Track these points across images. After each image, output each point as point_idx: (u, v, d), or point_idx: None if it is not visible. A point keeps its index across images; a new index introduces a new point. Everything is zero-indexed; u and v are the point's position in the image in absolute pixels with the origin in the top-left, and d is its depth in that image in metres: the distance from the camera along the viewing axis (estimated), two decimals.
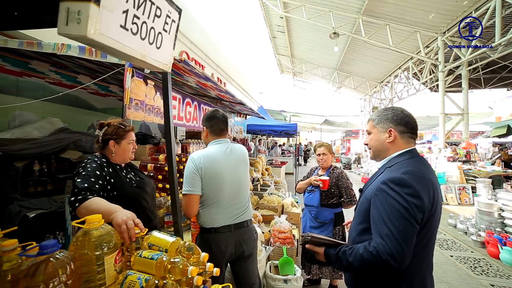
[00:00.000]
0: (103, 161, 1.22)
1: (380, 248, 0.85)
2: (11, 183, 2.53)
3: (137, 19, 0.63)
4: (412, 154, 1.01)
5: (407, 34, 7.53)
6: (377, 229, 0.89)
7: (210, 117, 1.51)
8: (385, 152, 1.06)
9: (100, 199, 0.99)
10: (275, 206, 3.29)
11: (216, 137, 1.50)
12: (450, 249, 3.49)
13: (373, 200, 0.94)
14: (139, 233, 0.84)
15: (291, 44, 11.66)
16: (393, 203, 0.88)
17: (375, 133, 1.09)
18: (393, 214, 0.87)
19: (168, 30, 0.76)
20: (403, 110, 1.07)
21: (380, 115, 1.09)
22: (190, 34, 6.27)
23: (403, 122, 1.03)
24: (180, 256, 0.77)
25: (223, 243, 1.38)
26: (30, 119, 3.10)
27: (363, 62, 11.22)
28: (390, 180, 0.91)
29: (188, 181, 1.35)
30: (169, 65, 0.81)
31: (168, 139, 0.93)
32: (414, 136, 1.05)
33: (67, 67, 3.19)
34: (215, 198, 1.39)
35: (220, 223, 1.39)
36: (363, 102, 15.83)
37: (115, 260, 0.74)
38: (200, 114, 3.42)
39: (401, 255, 0.83)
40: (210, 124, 1.50)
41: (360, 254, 0.89)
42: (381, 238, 0.87)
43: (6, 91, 2.87)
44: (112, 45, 0.57)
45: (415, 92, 10.86)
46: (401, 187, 0.88)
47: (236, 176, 1.47)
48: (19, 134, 2.93)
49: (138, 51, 0.66)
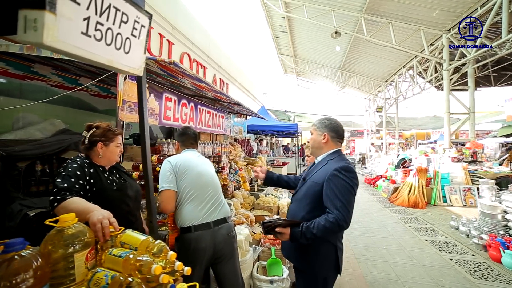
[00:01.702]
0: (85, 161, 1.25)
1: (338, 217, 1.16)
2: (14, 182, 2.60)
3: (100, 26, 0.65)
4: (340, 152, 1.39)
5: (410, 32, 7.41)
6: (333, 204, 1.19)
7: (182, 133, 1.78)
8: (320, 149, 1.41)
9: (79, 199, 1.02)
10: (271, 206, 3.30)
11: (188, 148, 1.73)
12: (450, 252, 3.42)
13: (327, 183, 1.23)
14: (113, 231, 0.87)
15: (294, 44, 11.61)
16: (343, 183, 1.21)
17: (315, 135, 1.44)
18: (344, 191, 1.20)
19: (137, 35, 0.78)
20: (336, 121, 1.43)
21: (320, 122, 1.44)
22: (191, 35, 6.31)
23: (334, 130, 1.39)
24: (148, 254, 0.79)
25: (204, 240, 1.42)
26: (33, 120, 3.20)
27: (367, 61, 11.08)
28: (341, 168, 1.24)
29: (164, 178, 1.46)
30: (140, 69, 0.83)
31: (143, 141, 0.95)
32: (341, 141, 1.42)
33: (69, 70, 3.27)
34: (192, 195, 1.48)
35: (199, 220, 1.45)
36: (367, 101, 15.64)
37: (87, 258, 0.76)
38: (197, 114, 3.46)
39: (349, 219, 1.19)
40: (182, 139, 1.76)
41: (323, 225, 1.16)
42: (337, 209, 1.17)
43: (10, 94, 2.96)
44: (73, 51, 0.59)
45: (420, 91, 10.66)
46: (348, 172, 1.23)
47: (208, 174, 1.63)
48: (22, 135, 3.03)
49: (104, 56, 0.68)
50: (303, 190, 1.38)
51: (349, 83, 13.91)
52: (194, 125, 3.41)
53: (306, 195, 1.34)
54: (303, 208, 1.32)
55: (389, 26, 7.27)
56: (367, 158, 14.50)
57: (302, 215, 1.31)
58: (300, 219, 1.29)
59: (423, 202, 5.96)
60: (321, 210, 1.24)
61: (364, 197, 7.27)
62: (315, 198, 1.28)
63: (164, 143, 2.86)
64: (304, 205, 1.33)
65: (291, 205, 1.49)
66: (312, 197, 1.30)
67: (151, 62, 2.01)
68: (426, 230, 4.33)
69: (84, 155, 1.31)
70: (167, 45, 5.27)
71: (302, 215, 1.31)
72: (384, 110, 13.35)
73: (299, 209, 1.36)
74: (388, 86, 12.99)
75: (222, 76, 8.52)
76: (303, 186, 1.40)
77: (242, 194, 3.56)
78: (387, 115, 13.49)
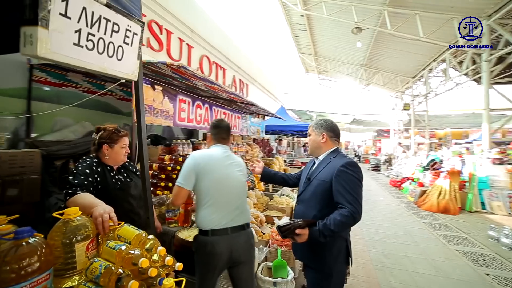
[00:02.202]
0: (95, 161, 1.37)
1: (352, 210, 1.20)
2: (52, 178, 2.91)
3: (92, 36, 0.71)
4: (339, 150, 1.47)
5: (441, 22, 6.80)
6: (345, 198, 1.24)
7: (215, 125, 1.66)
8: (319, 149, 1.48)
9: (87, 194, 1.13)
10: (284, 207, 3.27)
11: (218, 143, 1.61)
12: (487, 266, 3.04)
13: (336, 179, 1.29)
14: (112, 225, 0.94)
15: (314, 42, 11.35)
16: (352, 178, 1.28)
17: (313, 136, 1.50)
18: (353, 185, 1.26)
19: (129, 42, 0.84)
20: (332, 121, 1.51)
21: (317, 123, 1.50)
22: (210, 38, 6.50)
23: (331, 129, 1.47)
24: (140, 248, 0.84)
25: (219, 245, 1.38)
26: (67, 123, 3.57)
27: (392, 56, 10.42)
28: (347, 163, 1.31)
29: (183, 174, 1.43)
30: (134, 74, 0.89)
31: (140, 142, 1.02)
32: (338, 139, 1.50)
33: (96, 76, 3.57)
34: (212, 198, 1.42)
35: (217, 224, 1.40)
36: (394, 99, 14.71)
37: (87, 248, 0.84)
38: (211, 115, 3.55)
39: (361, 211, 1.24)
40: (214, 132, 1.63)
41: (339, 220, 1.20)
42: (349, 203, 1.22)
43: (50, 100, 3.32)
44: (66, 61, 0.66)
45: (453, 86, 9.75)
46: (354, 167, 1.31)
47: (233, 178, 1.53)
48: (58, 136, 3.40)
49: (97, 64, 0.75)
50: (311, 190, 1.40)
51: (373, 81, 13.21)
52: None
53: (314, 194, 1.37)
54: (314, 207, 1.36)
55: (416, 17, 6.76)
56: (393, 159, 13.66)
57: (313, 214, 1.34)
58: (312, 217, 1.33)
59: (455, 207, 5.45)
60: (332, 206, 1.28)
61: (388, 200, 6.85)
62: (325, 196, 1.32)
63: (180, 144, 3.00)
64: (314, 204, 1.37)
65: (297, 207, 1.50)
66: (321, 195, 1.34)
67: (164, 66, 2.13)
68: (457, 239, 3.93)
69: (94, 155, 1.43)
70: (187, 48, 5.50)
71: (314, 214, 1.34)
72: (412, 108, 12.44)
73: (308, 209, 1.39)
74: (416, 82, 12.09)
75: (242, 77, 8.65)
76: (309, 186, 1.42)
77: (256, 194, 3.58)
78: (416, 113, 12.56)
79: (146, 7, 4.26)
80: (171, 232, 1.82)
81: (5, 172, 2.26)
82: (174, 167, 2.19)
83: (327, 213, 1.26)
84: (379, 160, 14.41)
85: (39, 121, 3.19)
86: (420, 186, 6.79)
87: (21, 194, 2.33)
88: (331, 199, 1.30)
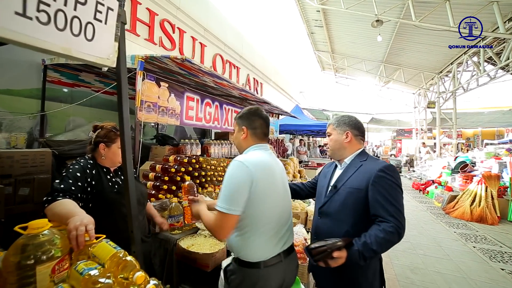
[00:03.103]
0: (90, 162, 1.25)
1: (396, 224, 1.01)
2: None
3: (45, 6, 0.55)
4: (366, 152, 1.28)
5: (476, 8, 6.15)
6: (386, 210, 1.04)
7: (252, 112, 1.20)
8: (343, 150, 1.27)
9: (68, 201, 0.99)
10: (298, 212, 3.03)
11: (259, 142, 1.19)
12: None
13: (373, 187, 1.08)
14: (89, 241, 0.79)
15: (331, 38, 10.91)
16: (392, 184, 1.08)
17: (335, 135, 1.30)
18: (394, 194, 1.07)
19: (102, 19, 0.68)
20: (356, 118, 1.30)
21: (339, 121, 1.30)
22: (223, 37, 6.41)
23: (356, 127, 1.27)
24: (113, 273, 0.68)
25: (274, 279, 1.07)
26: (80, 123, 3.61)
27: (416, 50, 9.72)
28: (385, 167, 1.11)
29: (231, 195, 1.00)
30: (112, 59, 0.73)
31: (123, 141, 0.86)
32: (363, 139, 1.31)
33: (108, 76, 3.57)
34: (267, 224, 1.07)
35: (271, 253, 1.08)
36: (417, 97, 13.80)
37: (53, 270, 0.69)
38: (222, 114, 3.40)
39: (405, 225, 1.04)
40: (253, 125, 1.18)
41: (382, 237, 0.99)
42: (392, 216, 1.02)
43: (64, 100, 3.35)
44: (7, 36, 0.51)
45: (488, 81, 8.90)
46: (394, 172, 1.12)
47: (286, 190, 1.22)
48: (71, 136, 3.43)
49: (56, 43, 0.59)
50: (339, 200, 1.17)
51: (394, 77, 12.47)
52: (220, 125, 3.37)
53: (345, 205, 1.15)
54: (344, 222, 1.14)
55: (445, 5, 6.19)
56: (415, 160, 12.81)
57: (345, 230, 1.13)
58: (344, 234, 1.11)
59: (494, 216, 4.86)
60: (367, 220, 1.09)
61: (411, 204, 6.33)
62: (358, 207, 1.12)
63: (187, 143, 2.87)
64: (344, 217, 1.15)
65: (319, 221, 1.25)
66: (354, 207, 1.13)
67: (168, 61, 2.00)
68: (501, 255, 3.39)
69: (90, 155, 1.31)
70: (200, 47, 5.44)
71: (346, 230, 1.13)
72: (438, 106, 11.56)
73: (337, 223, 1.16)
74: (443, 78, 11.21)
75: (256, 76, 8.50)
76: (337, 196, 1.18)
77: None
78: (442, 111, 11.65)
79: (159, 6, 4.22)
80: (173, 240, 1.68)
81: (16, 171, 2.27)
82: (179, 169, 2.05)
83: (362, 228, 1.06)
84: (400, 162, 13.61)
85: (53, 121, 3.23)
86: (448, 191, 6.21)
87: (32, 194, 2.33)
88: (366, 211, 1.09)
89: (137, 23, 3.75)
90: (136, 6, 3.73)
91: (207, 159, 2.55)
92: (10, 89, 2.73)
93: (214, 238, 1.72)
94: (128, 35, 3.67)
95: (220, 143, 3.57)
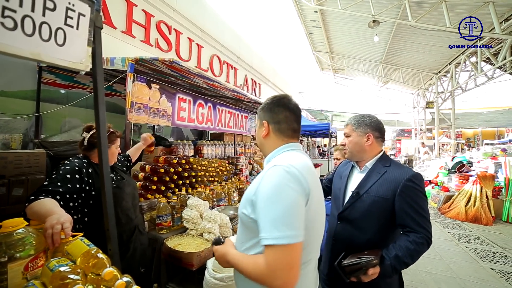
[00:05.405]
0: (84, 161, 1.27)
1: (426, 235, 1.02)
2: None
3: (11, 12, 0.58)
4: (387, 155, 1.23)
5: (473, 8, 6.17)
6: (415, 221, 1.03)
7: (276, 103, 0.91)
8: (363, 153, 1.21)
9: (48, 201, 1.01)
10: None
11: (287, 140, 0.90)
12: None
13: (401, 197, 1.06)
14: (64, 239, 0.81)
15: (329, 39, 10.93)
16: (419, 194, 1.07)
17: (354, 137, 1.22)
18: (423, 204, 1.06)
19: (74, 25, 0.71)
20: (377, 118, 1.23)
21: (360, 121, 1.23)
22: (220, 37, 6.42)
23: (377, 128, 1.21)
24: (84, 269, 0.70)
25: None
26: (76, 124, 3.63)
27: (413, 51, 9.73)
28: (413, 177, 1.08)
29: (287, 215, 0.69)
30: (85, 63, 0.75)
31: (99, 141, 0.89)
32: (384, 140, 1.27)
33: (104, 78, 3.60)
34: (314, 247, 0.84)
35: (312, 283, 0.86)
36: (415, 97, 13.81)
37: (26, 268, 0.71)
38: (215, 115, 3.42)
39: (431, 231, 1.05)
40: (276, 118, 0.90)
41: (413, 249, 0.99)
42: (422, 227, 1.03)
43: (59, 102, 3.38)
44: None
45: (485, 81, 8.90)
46: (421, 181, 1.10)
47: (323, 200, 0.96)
48: (66, 137, 3.46)
49: (25, 49, 0.62)
50: (363, 208, 1.13)
51: (392, 78, 12.48)
52: (213, 126, 3.39)
53: (369, 213, 1.11)
54: (367, 229, 1.12)
55: (441, 5, 6.21)
56: (414, 160, 12.81)
57: (367, 238, 1.11)
58: (365, 242, 1.10)
59: (488, 216, 4.88)
60: (390, 228, 1.10)
61: None
62: (384, 216, 1.10)
63: (180, 144, 2.89)
64: (367, 225, 1.12)
65: (339, 225, 1.19)
66: (379, 215, 1.11)
67: (158, 63, 2.03)
68: (492, 255, 3.41)
69: (82, 155, 1.33)
70: (197, 48, 5.45)
71: (368, 238, 1.11)
72: (437, 106, 11.56)
73: (359, 231, 1.14)
74: (441, 78, 11.22)
75: (254, 76, 8.51)
76: (360, 203, 1.14)
77: None
78: (441, 111, 11.65)
79: (155, 8, 4.25)
80: (161, 239, 1.70)
81: (10, 172, 2.29)
82: (168, 169, 2.07)
83: (384, 236, 1.08)
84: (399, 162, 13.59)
85: (49, 122, 3.25)
86: (444, 191, 6.22)
87: (26, 194, 2.35)
88: (391, 220, 1.08)
89: (133, 24, 3.77)
90: (132, 8, 3.76)
91: (198, 159, 2.57)
92: (5, 91, 2.76)
93: (201, 238, 1.74)
94: (124, 37, 3.69)
95: (214, 143, 3.58)
